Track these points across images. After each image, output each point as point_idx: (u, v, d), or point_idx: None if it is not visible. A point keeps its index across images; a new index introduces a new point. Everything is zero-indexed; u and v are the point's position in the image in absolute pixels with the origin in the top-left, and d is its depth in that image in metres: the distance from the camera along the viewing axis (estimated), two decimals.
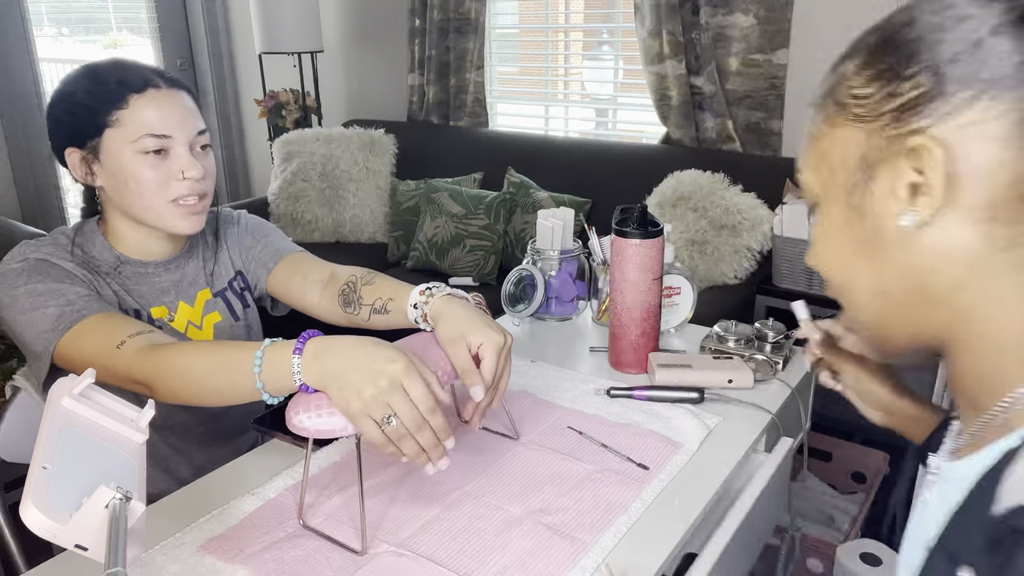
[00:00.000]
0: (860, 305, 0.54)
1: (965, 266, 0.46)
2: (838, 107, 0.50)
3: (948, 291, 0.47)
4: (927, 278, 0.48)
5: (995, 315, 0.46)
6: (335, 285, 1.12)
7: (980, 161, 0.44)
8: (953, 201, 0.45)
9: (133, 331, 0.92)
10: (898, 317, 0.51)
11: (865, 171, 0.49)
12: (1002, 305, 0.46)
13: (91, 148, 0.99)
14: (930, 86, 0.45)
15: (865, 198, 0.49)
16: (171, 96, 1.00)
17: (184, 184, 1.00)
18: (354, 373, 0.77)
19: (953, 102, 0.44)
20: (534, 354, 1.29)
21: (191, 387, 0.86)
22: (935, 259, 0.47)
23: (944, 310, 0.48)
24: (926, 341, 0.51)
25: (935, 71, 0.45)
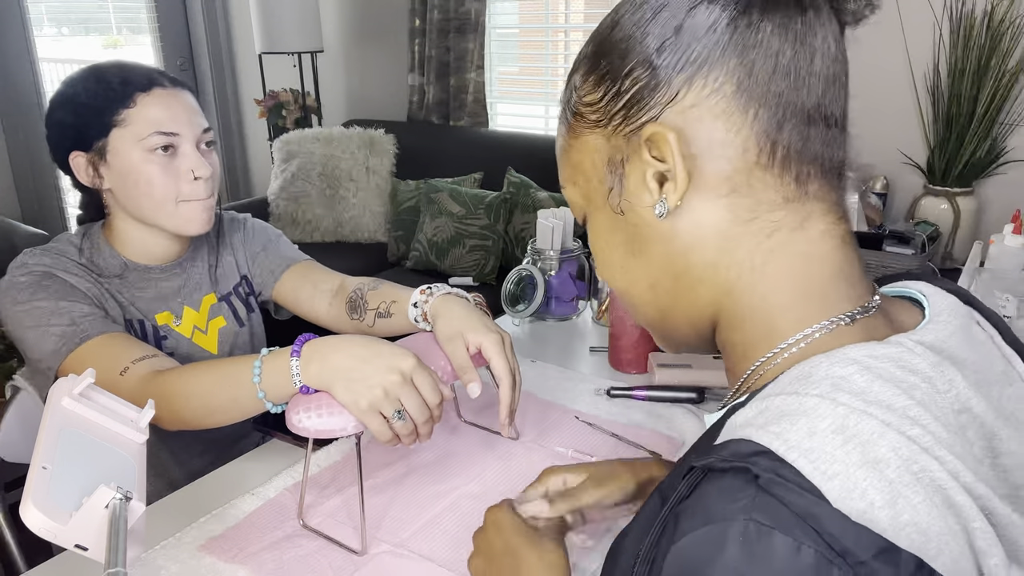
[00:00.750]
0: (640, 304, 0.54)
1: (717, 243, 0.47)
2: (576, 117, 0.51)
3: (706, 270, 0.48)
4: (686, 261, 0.49)
5: (747, 284, 0.48)
6: (344, 294, 1.12)
7: (710, 138, 0.45)
8: (695, 182, 0.46)
9: (136, 356, 0.91)
10: (672, 306, 0.52)
11: (614, 172, 0.50)
12: (752, 273, 0.47)
13: (98, 150, 0.98)
14: (647, 79, 0.46)
15: (622, 197, 0.50)
16: (176, 94, 1.00)
17: (195, 185, 1.00)
18: (364, 368, 0.78)
19: (672, 88, 0.46)
20: (534, 354, 1.29)
21: (195, 409, 0.86)
22: (690, 241, 0.48)
23: (707, 289, 0.49)
24: (703, 325, 0.52)
25: (648, 64, 0.46)
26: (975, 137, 2.02)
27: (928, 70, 2.12)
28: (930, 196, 2.10)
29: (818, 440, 0.38)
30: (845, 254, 0.48)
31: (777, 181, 0.46)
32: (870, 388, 0.41)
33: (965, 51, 2.00)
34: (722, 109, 0.45)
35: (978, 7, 2.00)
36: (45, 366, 0.93)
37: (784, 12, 0.45)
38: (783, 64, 0.45)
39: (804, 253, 0.47)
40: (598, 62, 0.49)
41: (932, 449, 0.39)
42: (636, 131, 0.48)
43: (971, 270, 1.46)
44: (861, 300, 0.47)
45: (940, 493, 0.38)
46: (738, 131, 0.45)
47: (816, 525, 0.36)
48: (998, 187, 2.12)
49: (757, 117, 0.45)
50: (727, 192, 0.46)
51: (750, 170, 0.46)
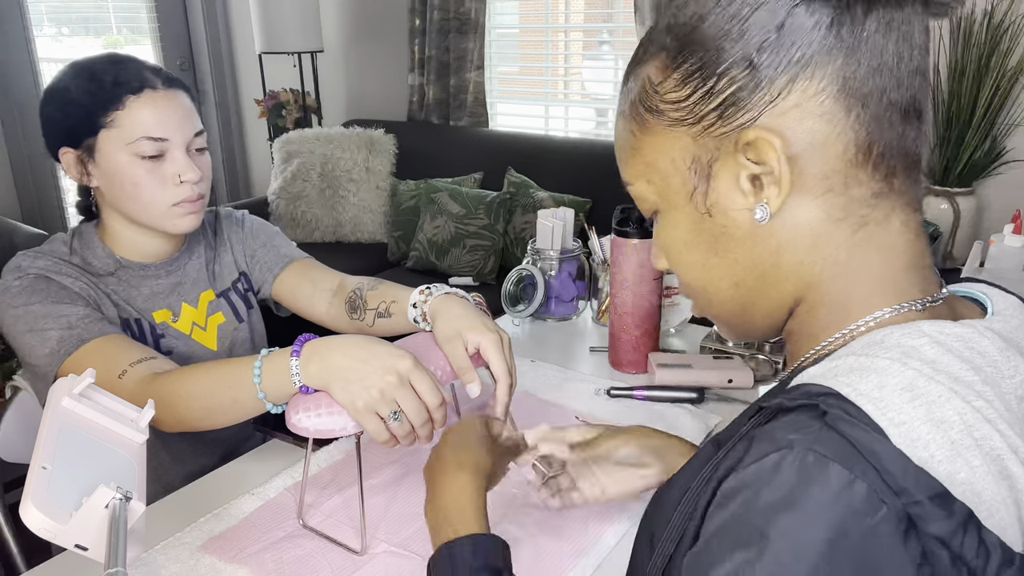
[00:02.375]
0: (719, 301, 0.53)
1: (809, 242, 0.47)
2: (653, 114, 0.49)
3: (793, 267, 0.48)
4: (776, 260, 0.49)
5: (831, 276, 0.48)
6: (343, 294, 1.12)
7: (811, 140, 0.45)
8: (795, 183, 0.46)
9: (134, 358, 0.91)
10: (755, 302, 0.51)
11: (701, 172, 0.48)
12: (837, 266, 0.47)
13: (86, 148, 0.98)
14: (747, 79, 0.45)
15: (709, 198, 0.49)
16: (168, 97, 0.98)
17: (183, 188, 0.99)
18: (361, 369, 0.78)
19: (773, 89, 0.44)
20: (534, 354, 1.29)
21: (195, 411, 0.86)
22: (781, 241, 0.48)
23: (791, 284, 0.49)
24: (780, 316, 0.52)
25: (747, 63, 0.44)
26: (975, 137, 2.02)
27: None
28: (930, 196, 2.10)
29: (887, 393, 0.39)
30: (919, 246, 0.48)
31: (870, 178, 0.46)
32: (940, 359, 0.41)
33: (965, 51, 2.00)
34: (826, 109, 0.44)
35: (978, 7, 2.00)
36: (43, 370, 0.93)
37: (886, 8, 0.44)
38: (886, 61, 0.44)
39: (885, 245, 0.47)
40: (684, 57, 0.47)
41: (995, 421, 0.39)
42: (731, 133, 0.46)
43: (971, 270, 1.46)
44: (930, 291, 0.48)
45: (997, 462, 0.39)
46: (841, 131, 0.44)
47: (876, 462, 0.37)
48: (998, 187, 2.12)
49: (859, 116, 0.44)
50: (823, 191, 0.46)
51: (847, 169, 0.45)
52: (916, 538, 0.37)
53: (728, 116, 0.46)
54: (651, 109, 0.49)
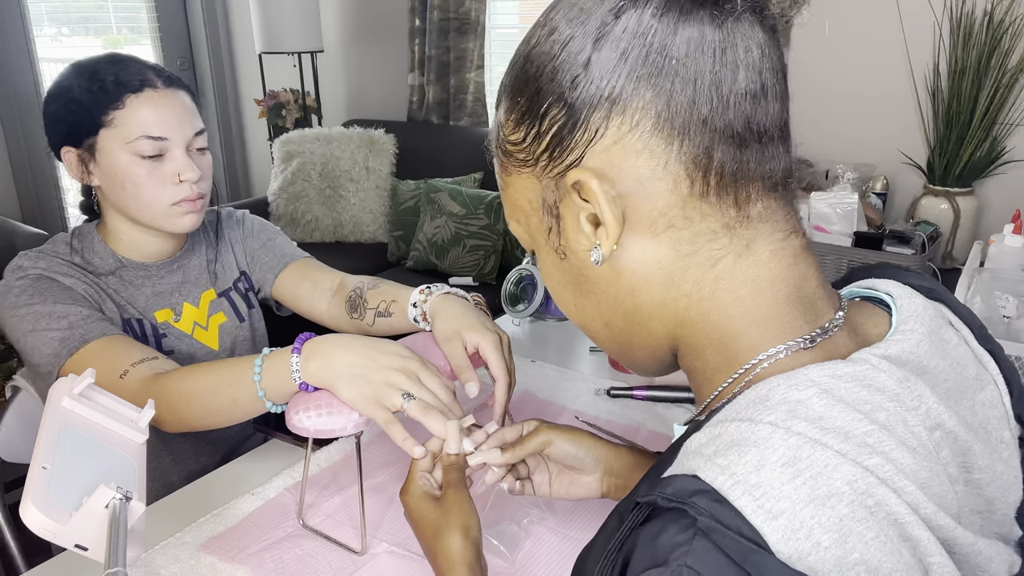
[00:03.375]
0: (599, 340, 0.53)
1: (661, 280, 0.45)
2: (505, 156, 0.49)
3: (654, 306, 0.47)
4: (633, 300, 0.47)
5: (699, 315, 0.46)
6: (343, 293, 1.12)
7: (637, 176, 0.43)
8: (629, 221, 0.44)
9: (136, 359, 0.91)
10: (628, 341, 0.50)
11: (550, 213, 0.47)
12: (702, 304, 0.45)
13: (87, 147, 0.98)
14: (564, 118, 0.43)
15: (560, 239, 0.48)
16: (168, 96, 0.99)
17: (181, 187, 0.99)
18: (368, 365, 0.77)
19: (590, 127, 0.43)
20: (534, 354, 1.29)
21: (196, 410, 0.86)
22: (633, 281, 0.46)
23: (659, 323, 0.47)
24: (663, 354, 0.50)
25: (562, 103, 0.43)
26: (975, 137, 2.02)
27: (928, 70, 2.12)
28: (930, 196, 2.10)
29: (766, 474, 0.36)
30: (800, 271, 0.45)
31: (715, 209, 0.43)
32: (828, 413, 0.39)
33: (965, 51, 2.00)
34: (644, 144, 0.42)
35: (978, 7, 2.00)
36: (45, 370, 0.93)
37: (698, 30, 0.41)
38: (703, 88, 0.41)
39: (753, 278, 0.44)
40: (516, 99, 0.46)
41: (891, 480, 0.37)
42: (562, 175, 0.45)
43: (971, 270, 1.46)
44: (821, 319, 0.45)
45: (896, 527, 0.37)
46: (665, 165, 0.42)
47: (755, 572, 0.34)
48: (998, 187, 2.12)
49: (683, 148, 0.42)
50: (664, 228, 0.44)
51: (684, 202, 0.43)
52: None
53: (556, 157, 0.45)
54: (503, 151, 0.49)
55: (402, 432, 0.75)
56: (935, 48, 2.09)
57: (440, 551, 0.64)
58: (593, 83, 0.42)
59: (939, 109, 2.10)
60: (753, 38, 0.42)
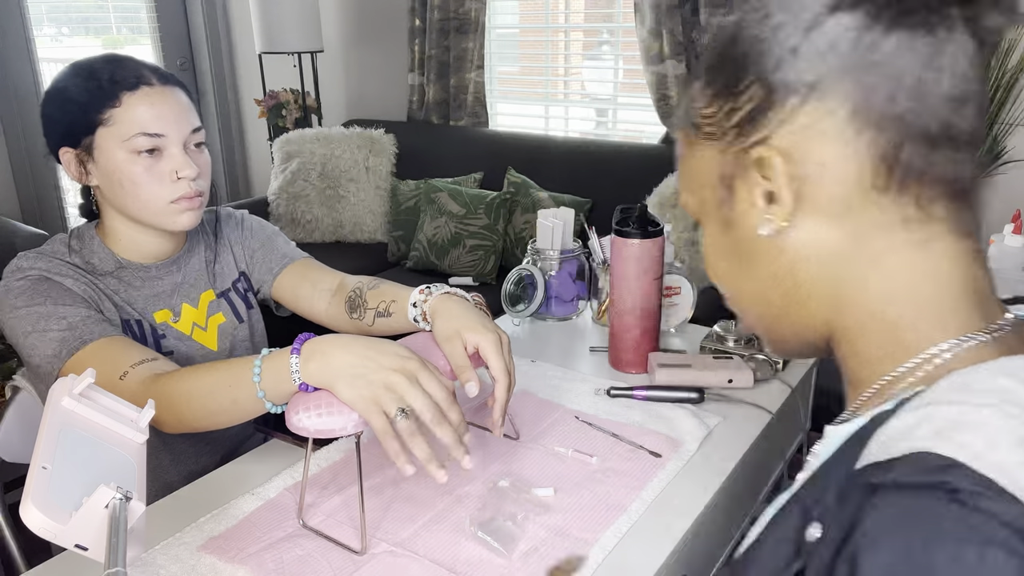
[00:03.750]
0: (749, 313, 0.55)
1: (826, 261, 0.48)
2: (693, 128, 0.52)
3: (815, 287, 0.49)
4: (794, 278, 0.49)
5: (861, 302, 0.47)
6: (343, 293, 1.12)
7: (822, 160, 0.45)
8: (804, 202, 0.46)
9: (136, 360, 0.91)
10: (782, 319, 0.52)
11: (725, 186, 0.50)
12: (865, 292, 0.47)
13: (85, 147, 0.98)
14: (762, 97, 0.46)
15: (732, 211, 0.51)
16: (164, 93, 0.98)
17: (179, 185, 0.99)
18: (367, 365, 0.77)
19: (786, 109, 0.45)
20: (534, 354, 1.29)
21: (196, 411, 0.86)
22: (797, 260, 0.48)
23: (818, 305, 0.49)
24: (813, 337, 0.52)
25: (763, 82, 0.46)
26: None
27: None
28: None
29: (1003, 454, 0.37)
30: (973, 272, 0.47)
31: (894, 203, 0.45)
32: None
33: None
34: (837, 132, 0.44)
35: None
36: (44, 371, 0.93)
37: (910, 32, 0.43)
38: (906, 86, 0.43)
39: (926, 272, 0.46)
40: (715, 75, 0.49)
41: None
42: (746, 150, 0.48)
43: None
44: (994, 318, 0.46)
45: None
46: (852, 154, 0.44)
47: None
48: (998, 187, 2.12)
49: (874, 141, 0.44)
50: (839, 213, 0.46)
51: (865, 193, 0.45)
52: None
53: (745, 133, 0.47)
54: (692, 123, 0.52)
55: (396, 447, 0.77)
56: None
57: None
58: (798, 69, 0.44)
59: None
60: (963, 48, 0.44)
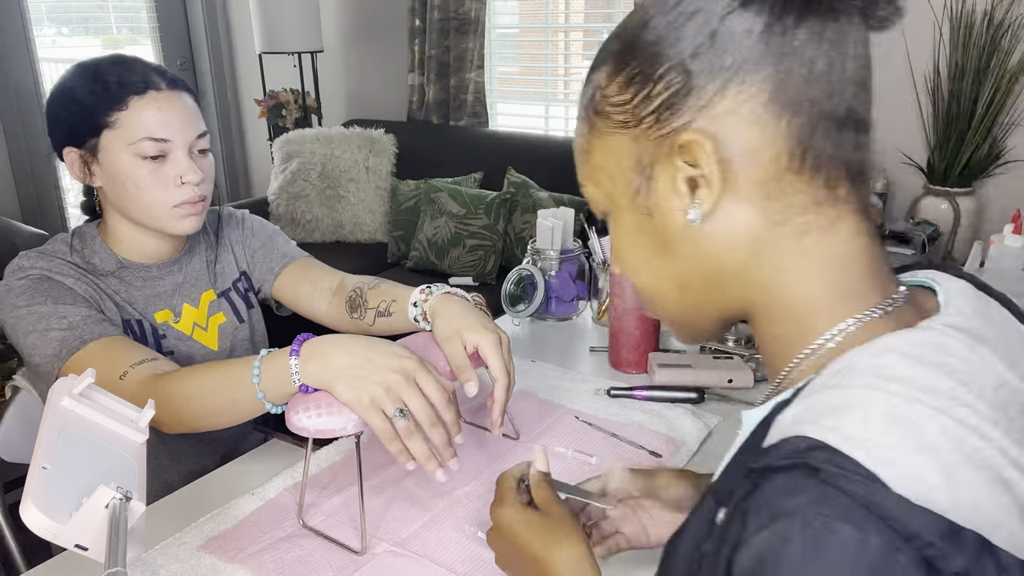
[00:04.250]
0: (666, 302, 0.55)
1: (749, 245, 0.48)
2: (600, 117, 0.51)
3: (739, 270, 0.50)
4: (718, 262, 0.50)
5: (781, 283, 0.49)
6: (343, 293, 1.12)
7: (743, 145, 0.46)
8: (728, 187, 0.47)
9: (135, 360, 0.91)
10: (702, 304, 0.53)
11: (642, 173, 0.50)
12: (786, 274, 0.48)
13: (90, 148, 0.98)
14: (681, 83, 0.46)
15: (650, 199, 0.50)
16: (172, 98, 0.99)
17: (183, 189, 0.99)
18: (366, 366, 0.78)
19: (705, 94, 0.46)
20: (534, 354, 1.29)
21: (195, 411, 0.86)
22: (722, 244, 0.49)
23: (739, 286, 0.50)
24: (729, 317, 0.53)
25: (682, 68, 0.46)
26: (975, 137, 2.02)
27: (928, 70, 2.12)
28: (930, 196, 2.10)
29: (871, 429, 0.39)
30: (873, 251, 0.49)
31: (808, 185, 0.47)
32: (913, 374, 0.41)
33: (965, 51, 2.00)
34: (757, 116, 0.45)
35: (978, 7, 2.00)
36: (45, 371, 0.93)
37: (819, 19, 0.45)
38: (817, 71, 0.45)
39: (835, 254, 0.48)
40: (627, 62, 0.49)
41: (980, 428, 0.40)
42: (668, 136, 0.48)
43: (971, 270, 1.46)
44: (889, 293, 0.48)
45: (991, 471, 0.39)
46: (771, 138, 0.46)
47: (880, 512, 0.36)
48: (998, 187, 2.12)
49: (790, 124, 0.45)
50: (760, 197, 0.47)
51: (782, 175, 0.46)
52: None
53: (664, 119, 0.47)
54: (599, 112, 0.51)
55: (398, 446, 0.78)
56: (935, 48, 2.09)
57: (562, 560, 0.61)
58: (717, 56, 0.45)
59: (939, 109, 2.10)
60: (860, 35, 0.46)
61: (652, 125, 0.48)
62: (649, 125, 0.48)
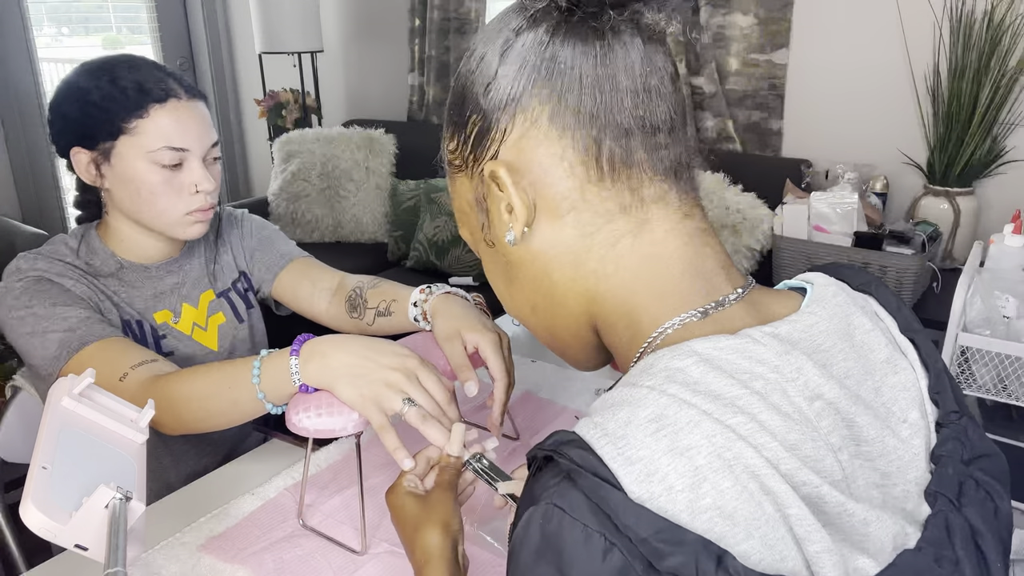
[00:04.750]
0: (530, 327, 0.58)
1: (570, 258, 0.51)
2: (448, 166, 0.56)
3: (568, 284, 0.52)
4: (549, 279, 0.52)
5: (606, 291, 0.51)
6: (343, 292, 1.12)
7: (540, 165, 0.49)
8: (539, 207, 0.50)
9: (135, 361, 0.91)
10: (553, 324, 0.55)
11: (480, 208, 0.54)
12: (608, 280, 0.50)
13: (102, 151, 0.97)
14: (481, 121, 0.51)
15: (490, 232, 0.54)
16: (190, 107, 0.99)
17: (197, 197, 1.00)
18: (367, 365, 0.77)
19: (500, 127, 0.50)
20: (534, 354, 1.29)
21: (195, 412, 0.86)
22: (546, 261, 0.52)
23: (574, 301, 0.52)
24: (586, 335, 0.54)
25: (479, 108, 0.51)
26: (975, 137, 2.02)
27: (928, 70, 2.12)
28: (930, 196, 2.10)
29: (632, 428, 0.41)
30: (695, 250, 0.50)
31: (611, 192, 0.49)
32: (703, 379, 0.43)
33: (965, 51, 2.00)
34: (543, 136, 0.48)
35: (978, 7, 2.00)
36: (44, 372, 0.93)
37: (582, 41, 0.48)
38: (587, 88, 0.47)
39: (650, 255, 0.49)
40: (450, 114, 0.54)
41: (752, 436, 0.41)
42: (482, 170, 0.51)
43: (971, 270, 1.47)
44: (717, 294, 0.49)
45: (755, 480, 0.40)
46: (562, 154, 0.48)
47: (605, 508, 0.38)
48: (998, 187, 2.12)
49: (575, 138, 0.48)
50: (567, 210, 0.49)
51: (582, 187, 0.49)
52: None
53: (479, 156, 0.52)
54: (447, 162, 0.56)
55: (395, 441, 0.76)
56: (935, 48, 2.09)
57: (418, 546, 0.66)
58: (500, 89, 0.49)
59: (939, 109, 2.10)
60: (633, 47, 0.48)
61: (473, 164, 0.52)
62: (471, 163, 0.52)
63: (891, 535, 0.43)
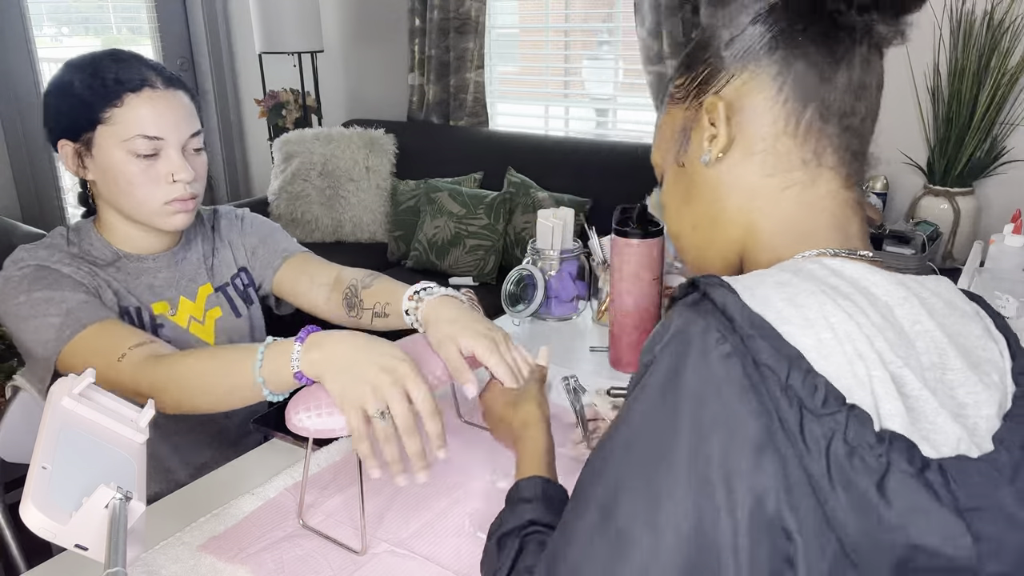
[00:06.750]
0: (684, 244, 0.68)
1: (746, 191, 0.61)
2: (668, 98, 0.67)
3: (735, 213, 0.62)
4: (722, 205, 0.62)
5: (763, 225, 0.61)
6: (339, 288, 1.12)
7: (752, 108, 0.59)
8: (736, 141, 0.60)
9: (133, 342, 0.91)
10: (708, 244, 0.65)
11: (683, 135, 0.64)
12: (769, 218, 0.60)
13: (84, 142, 0.98)
14: (714, 64, 0.61)
15: (685, 155, 0.64)
16: (167, 96, 0.99)
17: (175, 187, 1.00)
18: (358, 361, 0.77)
19: (730, 72, 0.60)
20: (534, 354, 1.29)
21: (193, 394, 0.86)
22: (727, 189, 0.62)
23: (735, 229, 0.62)
24: (732, 258, 0.64)
25: (715, 54, 0.61)
26: (975, 137, 2.02)
27: (928, 70, 2.12)
28: (930, 196, 2.10)
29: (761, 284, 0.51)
30: (845, 213, 0.60)
31: (798, 148, 0.59)
32: (825, 279, 0.52)
33: (965, 51, 2.00)
34: (765, 87, 0.59)
35: (978, 7, 2.00)
36: (43, 356, 0.93)
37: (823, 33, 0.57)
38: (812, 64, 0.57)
39: (809, 204, 0.59)
40: (687, 56, 0.64)
41: (855, 315, 0.49)
42: (701, 102, 0.62)
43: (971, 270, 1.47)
44: (851, 247, 0.58)
45: (851, 343, 0.48)
46: (772, 106, 0.59)
47: (724, 310, 0.49)
48: (998, 187, 2.12)
49: (789, 98, 0.58)
50: (759, 151, 0.60)
51: (778, 136, 0.59)
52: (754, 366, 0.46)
53: (701, 91, 0.62)
54: (669, 95, 0.66)
55: (365, 448, 0.76)
56: (935, 48, 2.09)
57: (518, 416, 0.80)
58: (743, 42, 0.59)
59: (939, 109, 2.10)
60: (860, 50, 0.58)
61: (694, 97, 0.63)
62: (692, 97, 0.63)
63: (955, 439, 0.47)
